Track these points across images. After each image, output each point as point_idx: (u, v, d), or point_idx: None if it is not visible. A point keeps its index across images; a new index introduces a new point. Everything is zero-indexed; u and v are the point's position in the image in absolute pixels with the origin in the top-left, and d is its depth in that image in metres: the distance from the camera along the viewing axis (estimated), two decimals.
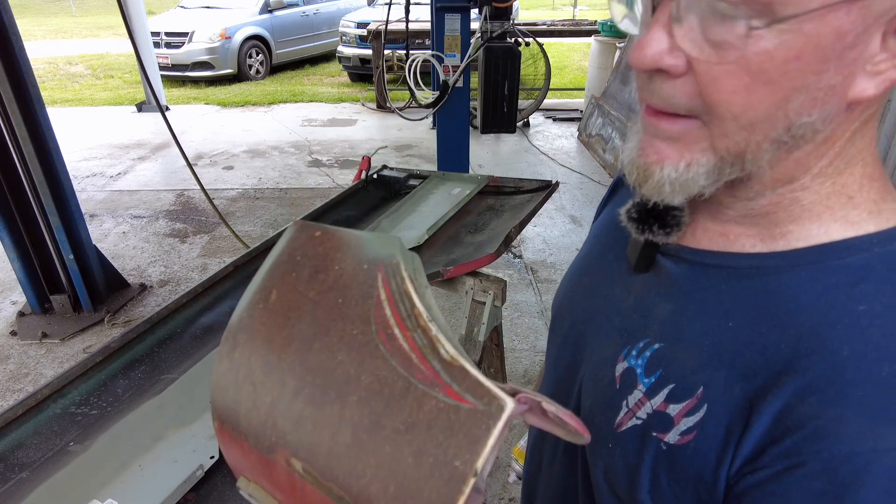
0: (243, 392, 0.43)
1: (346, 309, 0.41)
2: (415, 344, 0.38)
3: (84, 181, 4.99)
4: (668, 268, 0.53)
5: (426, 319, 0.39)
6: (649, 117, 0.44)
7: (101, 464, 0.99)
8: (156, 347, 1.31)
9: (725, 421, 0.43)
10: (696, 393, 0.46)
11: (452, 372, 0.37)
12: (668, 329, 0.50)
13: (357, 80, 8.80)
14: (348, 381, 0.39)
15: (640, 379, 0.50)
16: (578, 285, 0.65)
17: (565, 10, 16.13)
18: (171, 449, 1.02)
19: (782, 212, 0.46)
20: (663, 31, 0.40)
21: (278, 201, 4.60)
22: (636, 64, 0.41)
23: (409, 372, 0.38)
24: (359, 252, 0.43)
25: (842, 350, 0.40)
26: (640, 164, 0.46)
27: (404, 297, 0.40)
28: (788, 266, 0.45)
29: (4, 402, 2.53)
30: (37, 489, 0.94)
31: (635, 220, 0.53)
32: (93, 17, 17.24)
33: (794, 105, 0.39)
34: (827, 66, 0.37)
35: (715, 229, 0.50)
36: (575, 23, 7.49)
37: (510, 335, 2.92)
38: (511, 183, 2.15)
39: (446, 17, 3.59)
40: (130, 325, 1.60)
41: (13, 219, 2.76)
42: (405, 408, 0.37)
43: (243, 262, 1.62)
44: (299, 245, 0.46)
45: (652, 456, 0.48)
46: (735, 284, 0.47)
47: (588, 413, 0.56)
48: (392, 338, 0.39)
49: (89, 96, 8.06)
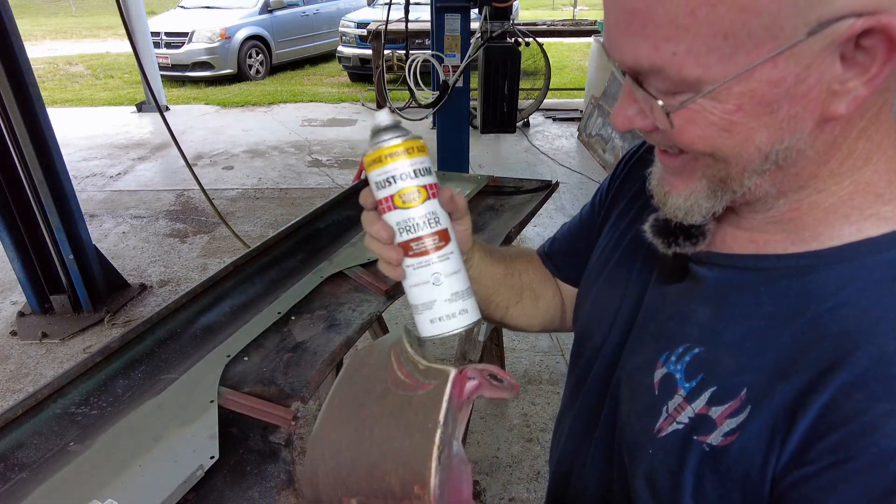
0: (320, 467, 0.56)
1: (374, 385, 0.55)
2: (407, 372, 0.53)
3: (84, 181, 4.99)
4: (701, 274, 0.54)
5: (413, 354, 0.54)
6: (659, 154, 0.51)
7: (101, 464, 0.99)
8: (156, 347, 1.31)
9: (770, 420, 0.44)
10: (739, 395, 0.46)
11: (426, 374, 0.51)
12: (707, 333, 0.51)
13: (357, 80, 8.80)
14: (374, 420, 0.52)
15: (680, 384, 0.51)
16: (604, 299, 0.65)
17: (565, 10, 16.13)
18: (171, 449, 1.02)
19: (806, 216, 0.47)
20: (629, 100, 0.47)
21: (278, 201, 4.60)
22: (615, 128, 0.49)
23: (405, 390, 0.51)
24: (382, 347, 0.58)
25: (888, 345, 0.40)
26: (658, 192, 0.53)
27: (404, 353, 0.55)
28: (825, 265, 0.46)
29: (4, 402, 2.53)
30: (37, 489, 0.94)
31: (660, 236, 0.55)
32: (93, 17, 17.24)
33: (759, 140, 0.42)
34: (775, 106, 0.40)
35: (742, 236, 0.52)
36: (575, 23, 7.48)
37: (510, 335, 2.92)
38: (511, 183, 2.15)
39: (446, 17, 3.59)
40: (130, 325, 1.61)
41: (13, 219, 2.76)
42: (405, 414, 0.49)
43: (243, 262, 1.62)
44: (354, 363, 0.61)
45: (695, 459, 0.48)
46: (772, 286, 0.48)
47: (626, 420, 0.57)
48: (397, 378, 0.53)
49: (89, 96, 8.06)
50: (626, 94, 0.47)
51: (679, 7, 0.38)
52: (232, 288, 1.54)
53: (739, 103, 0.41)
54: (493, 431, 2.39)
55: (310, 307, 1.46)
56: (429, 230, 0.54)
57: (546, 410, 2.47)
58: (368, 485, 0.48)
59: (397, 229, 0.55)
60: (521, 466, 2.22)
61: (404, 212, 0.54)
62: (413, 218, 0.54)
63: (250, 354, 1.28)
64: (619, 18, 0.42)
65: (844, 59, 0.39)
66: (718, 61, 0.39)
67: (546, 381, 2.64)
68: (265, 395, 1.16)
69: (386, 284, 1.52)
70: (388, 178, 0.54)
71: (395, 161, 0.53)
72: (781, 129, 0.42)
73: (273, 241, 1.74)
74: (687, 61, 0.40)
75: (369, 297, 1.50)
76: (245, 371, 1.23)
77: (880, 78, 0.39)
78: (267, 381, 1.20)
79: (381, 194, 0.55)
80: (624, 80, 0.46)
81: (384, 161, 0.53)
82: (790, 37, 0.37)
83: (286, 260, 1.69)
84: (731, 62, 0.39)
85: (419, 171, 0.54)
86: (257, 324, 1.37)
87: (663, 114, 0.43)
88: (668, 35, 0.39)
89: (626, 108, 0.47)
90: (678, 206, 0.50)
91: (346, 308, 1.45)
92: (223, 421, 1.08)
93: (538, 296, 0.80)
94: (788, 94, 0.40)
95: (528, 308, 0.79)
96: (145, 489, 0.94)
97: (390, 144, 0.53)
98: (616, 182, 0.73)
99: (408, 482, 0.45)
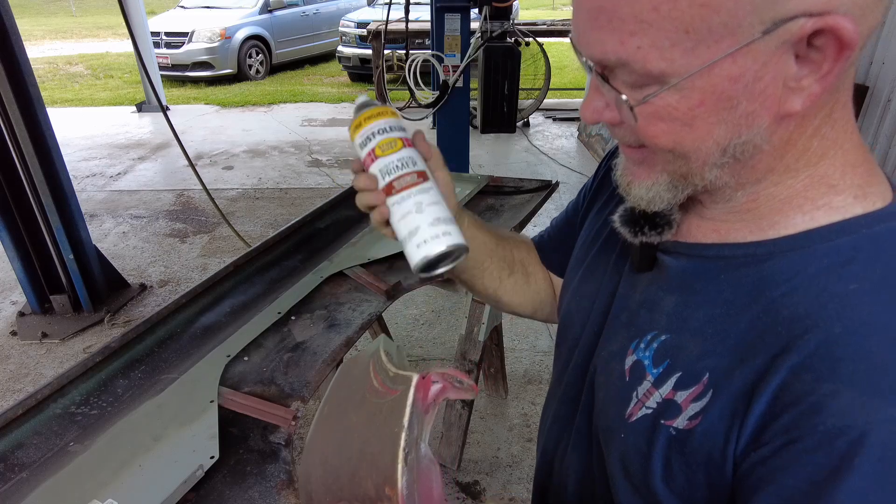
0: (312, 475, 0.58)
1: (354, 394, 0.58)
2: (381, 380, 0.55)
3: (84, 181, 4.99)
4: (668, 263, 0.56)
5: (386, 362, 0.56)
6: (621, 147, 0.54)
7: (101, 464, 0.99)
8: (156, 347, 1.31)
9: (730, 403, 0.46)
10: (702, 379, 0.48)
11: (395, 380, 0.53)
12: (673, 321, 0.53)
13: (357, 80, 8.80)
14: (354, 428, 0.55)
15: (648, 370, 0.53)
16: (584, 289, 0.68)
17: (565, 10, 16.13)
18: (171, 449, 1.02)
19: (762, 207, 0.49)
20: (596, 93, 0.49)
21: (278, 201, 4.60)
22: (583, 119, 0.51)
23: (379, 398, 0.54)
24: (363, 358, 0.61)
25: (833, 328, 0.42)
26: (622, 182, 0.55)
27: (379, 362, 0.57)
28: (779, 252, 0.47)
29: (4, 402, 2.53)
30: (37, 489, 0.94)
31: (627, 225, 0.57)
32: (93, 17, 17.24)
33: (718, 135, 0.44)
34: (734, 101, 0.42)
35: (706, 226, 0.54)
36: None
37: (510, 335, 2.92)
38: (511, 183, 2.15)
39: (446, 17, 3.59)
40: (130, 325, 1.61)
41: (13, 219, 2.76)
42: (377, 421, 0.52)
43: (243, 262, 1.62)
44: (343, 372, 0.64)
45: (663, 443, 0.50)
46: (732, 273, 0.50)
47: (602, 406, 0.59)
48: (372, 387, 0.56)
49: (89, 96, 8.06)
50: (593, 87, 0.49)
51: (643, 3, 0.40)
52: (232, 288, 1.54)
53: (702, 98, 0.42)
54: (493, 431, 2.39)
55: (310, 307, 1.46)
56: (408, 169, 0.62)
57: None
58: (350, 490, 0.51)
59: (380, 175, 0.62)
60: (521, 466, 2.22)
61: (384, 159, 0.62)
62: (392, 161, 0.62)
63: (250, 354, 1.28)
64: (586, 14, 0.44)
65: (799, 58, 0.41)
66: (682, 55, 0.41)
67: (546, 381, 2.64)
68: (265, 395, 1.16)
69: (386, 284, 1.52)
70: (368, 136, 0.63)
71: (371, 122, 0.64)
72: (739, 125, 0.43)
73: (273, 241, 1.74)
74: (651, 55, 0.41)
75: (369, 297, 1.50)
76: (245, 371, 1.23)
77: (832, 75, 0.41)
78: (267, 381, 1.20)
79: (363, 152, 0.64)
80: (591, 75, 0.48)
81: (363, 124, 0.64)
82: (748, 34, 0.39)
83: (286, 260, 1.69)
84: (694, 56, 0.41)
85: (393, 127, 0.64)
86: (257, 324, 1.37)
87: (627, 108, 0.45)
88: (632, 30, 0.41)
89: (593, 101, 0.49)
90: (640, 195, 0.52)
91: (346, 308, 1.45)
92: (223, 421, 1.08)
93: (529, 274, 0.83)
94: (747, 91, 0.42)
95: (521, 284, 0.81)
96: (145, 489, 0.94)
97: (366, 111, 0.64)
98: (598, 177, 0.75)
99: (380, 485, 0.48)
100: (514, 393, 2.57)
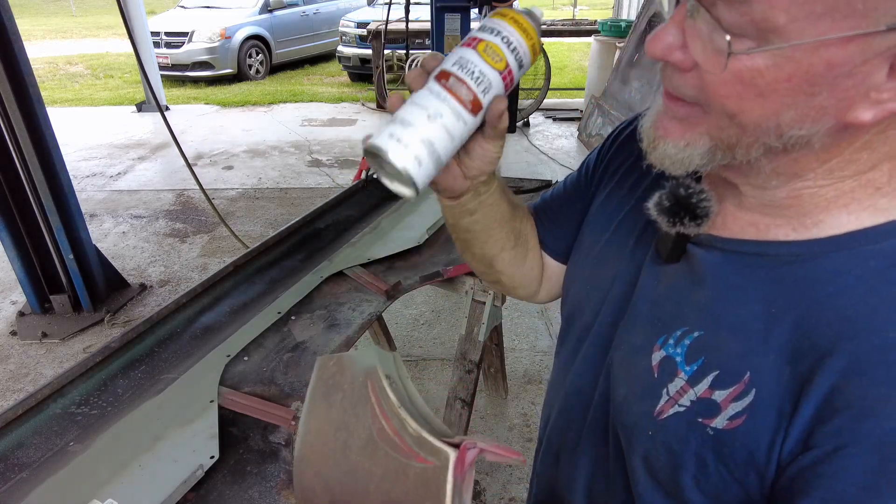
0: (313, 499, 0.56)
1: (356, 420, 0.55)
2: (395, 429, 0.51)
3: (84, 181, 4.99)
4: (700, 256, 0.53)
5: (397, 407, 0.52)
6: (664, 98, 0.49)
7: (101, 464, 0.99)
8: (156, 347, 1.31)
9: (776, 404, 0.45)
10: (743, 378, 0.47)
11: (419, 443, 0.50)
12: (707, 317, 0.51)
13: (357, 80, 8.80)
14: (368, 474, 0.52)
15: (680, 367, 0.51)
16: (596, 278, 0.65)
17: (565, 9, 16.12)
18: (171, 449, 1.02)
19: (806, 204, 0.48)
20: (677, 28, 0.43)
21: (278, 201, 4.60)
22: (648, 53, 0.45)
23: (398, 452, 0.50)
24: (353, 369, 0.57)
25: (886, 332, 0.41)
26: (650, 134, 0.50)
27: (383, 394, 0.53)
28: (824, 252, 0.46)
29: (4, 402, 2.53)
30: (37, 489, 0.94)
31: (665, 214, 0.54)
32: (93, 17, 17.24)
33: (784, 118, 0.42)
34: (818, 90, 0.40)
35: (744, 219, 0.52)
36: (575, 23, 7.49)
37: (510, 335, 2.92)
38: (511, 183, 2.15)
39: (446, 17, 3.59)
40: (130, 325, 1.61)
41: (13, 219, 2.76)
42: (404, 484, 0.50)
43: (243, 262, 1.62)
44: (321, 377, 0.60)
45: (698, 442, 0.49)
46: (775, 271, 0.48)
47: (623, 402, 0.58)
48: (382, 429, 0.52)
49: (89, 96, 8.06)
50: (675, 20, 0.43)
51: None
52: (232, 288, 1.54)
53: (791, 74, 0.39)
54: (493, 431, 2.39)
55: (310, 307, 1.46)
56: (475, 87, 0.51)
57: None
58: None
59: (455, 60, 0.51)
60: (521, 466, 2.22)
61: (474, 55, 0.51)
62: (477, 66, 0.51)
63: (250, 354, 1.28)
64: None
65: (892, 70, 0.38)
66: (806, 17, 0.37)
67: (546, 381, 2.64)
68: (265, 395, 1.16)
69: (386, 284, 1.52)
70: (494, 28, 0.53)
71: (512, 26, 0.52)
72: (807, 116, 0.41)
73: (273, 241, 1.74)
74: (780, 2, 0.37)
75: (369, 297, 1.50)
76: (245, 371, 1.23)
77: None
78: (267, 380, 1.20)
79: (477, 34, 0.53)
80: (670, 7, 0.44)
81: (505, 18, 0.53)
82: (873, 23, 0.36)
83: (286, 260, 1.69)
84: (817, 24, 0.37)
85: (518, 53, 0.53)
86: (257, 324, 1.37)
87: (722, 53, 0.40)
88: None
89: (668, 35, 0.43)
90: (668, 154, 0.48)
91: (346, 308, 1.45)
92: (223, 421, 1.08)
93: (528, 249, 0.78)
94: (833, 84, 0.39)
95: (518, 258, 0.77)
96: (145, 489, 0.94)
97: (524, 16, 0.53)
98: (605, 158, 0.71)
99: None
100: (514, 393, 2.57)
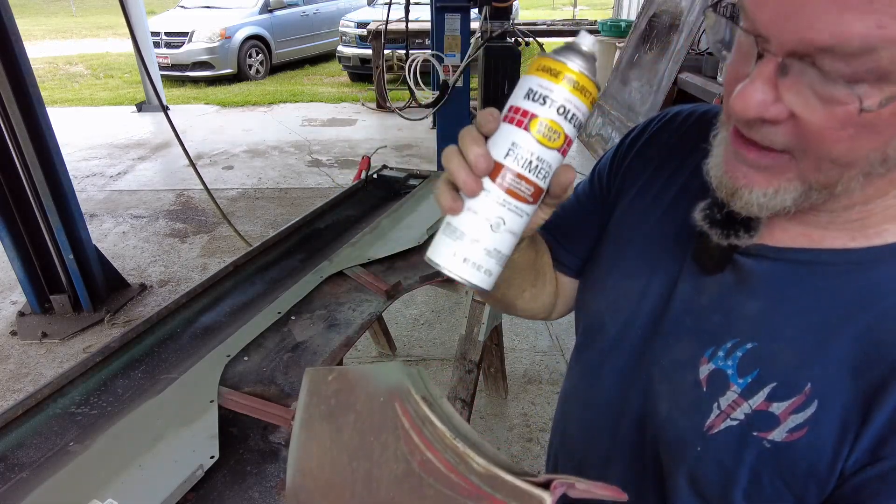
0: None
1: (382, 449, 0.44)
2: (449, 464, 0.40)
3: (84, 181, 4.99)
4: (749, 266, 0.52)
5: (451, 439, 0.41)
6: (738, 143, 0.45)
7: (101, 464, 0.99)
8: (156, 347, 1.31)
9: (840, 414, 0.44)
10: (803, 390, 0.46)
11: (492, 482, 0.38)
12: (760, 328, 0.50)
13: (357, 80, 8.79)
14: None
15: (732, 380, 0.50)
16: (619, 290, 0.63)
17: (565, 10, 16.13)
18: (171, 449, 1.02)
19: (877, 217, 0.46)
20: (766, 84, 0.40)
21: (278, 201, 4.60)
22: (740, 114, 0.41)
23: (455, 491, 0.40)
24: (368, 387, 0.47)
25: None
26: (728, 184, 0.47)
27: (426, 422, 0.42)
28: (885, 260, 0.45)
29: (4, 402, 2.53)
30: (37, 489, 0.94)
31: (717, 226, 0.51)
32: (93, 17, 17.24)
33: (893, 144, 0.39)
34: None
35: (795, 230, 0.50)
36: (575, 23, 7.49)
37: (510, 335, 2.92)
38: None
39: (446, 17, 3.59)
40: (130, 325, 1.61)
41: (13, 219, 2.76)
42: None
43: (243, 262, 1.62)
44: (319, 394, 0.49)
45: (753, 455, 0.48)
46: (833, 281, 0.47)
47: (666, 417, 0.56)
48: (428, 462, 0.41)
49: (89, 96, 8.06)
50: (762, 76, 0.40)
51: None
52: (232, 288, 1.54)
53: None
54: (493, 431, 2.39)
55: (310, 307, 1.46)
56: (534, 178, 0.44)
57: (546, 410, 2.47)
58: None
59: (508, 148, 0.44)
60: (521, 466, 2.22)
61: (529, 140, 0.43)
62: (534, 153, 0.44)
63: (250, 354, 1.28)
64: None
65: None
66: None
67: (546, 381, 2.64)
68: (265, 395, 1.16)
69: (386, 284, 1.52)
70: (546, 97, 0.43)
71: (566, 89, 0.43)
72: None
73: (273, 240, 1.74)
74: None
75: (369, 297, 1.50)
76: (245, 371, 1.23)
77: None
78: (267, 380, 1.20)
79: (522, 103, 0.44)
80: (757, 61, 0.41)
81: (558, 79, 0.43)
82: None
83: (286, 260, 1.69)
84: None
85: (577, 118, 0.45)
86: (257, 324, 1.37)
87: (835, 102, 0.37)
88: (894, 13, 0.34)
89: (758, 92, 0.40)
90: (754, 202, 0.45)
91: (346, 308, 1.45)
92: (223, 421, 1.08)
93: (546, 282, 0.74)
94: None
95: (538, 292, 0.73)
96: (145, 489, 0.94)
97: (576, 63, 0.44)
98: (622, 165, 0.67)
99: None
100: (514, 393, 2.57)
